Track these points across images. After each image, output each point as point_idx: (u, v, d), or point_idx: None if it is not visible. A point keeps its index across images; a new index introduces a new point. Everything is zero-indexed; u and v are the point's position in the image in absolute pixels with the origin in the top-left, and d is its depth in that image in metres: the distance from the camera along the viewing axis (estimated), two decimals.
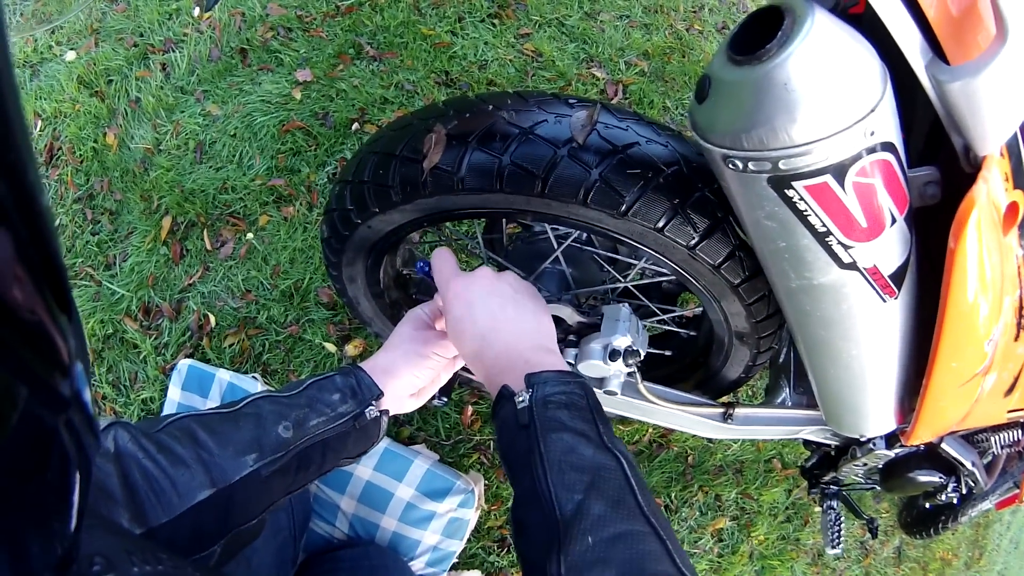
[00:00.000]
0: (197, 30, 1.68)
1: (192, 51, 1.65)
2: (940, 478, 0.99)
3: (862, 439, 0.93)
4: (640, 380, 0.82)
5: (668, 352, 1.00)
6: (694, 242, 0.63)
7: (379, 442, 0.69)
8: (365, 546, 1.08)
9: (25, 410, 0.18)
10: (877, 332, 0.62)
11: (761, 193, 0.50)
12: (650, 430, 1.48)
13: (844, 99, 0.44)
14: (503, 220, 0.99)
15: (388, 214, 0.71)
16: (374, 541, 1.10)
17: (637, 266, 0.85)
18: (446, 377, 0.75)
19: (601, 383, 0.78)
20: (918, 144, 0.55)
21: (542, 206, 0.64)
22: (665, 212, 0.61)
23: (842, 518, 1.19)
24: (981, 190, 0.48)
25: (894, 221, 0.52)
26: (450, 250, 0.69)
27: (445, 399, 0.78)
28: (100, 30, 1.71)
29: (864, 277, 0.55)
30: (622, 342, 0.73)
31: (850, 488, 1.20)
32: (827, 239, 0.52)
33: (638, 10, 1.89)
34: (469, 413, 1.38)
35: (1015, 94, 0.43)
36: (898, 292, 0.58)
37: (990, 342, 0.60)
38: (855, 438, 0.92)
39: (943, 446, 0.93)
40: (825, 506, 1.19)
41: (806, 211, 0.50)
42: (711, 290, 0.70)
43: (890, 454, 0.95)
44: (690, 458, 1.52)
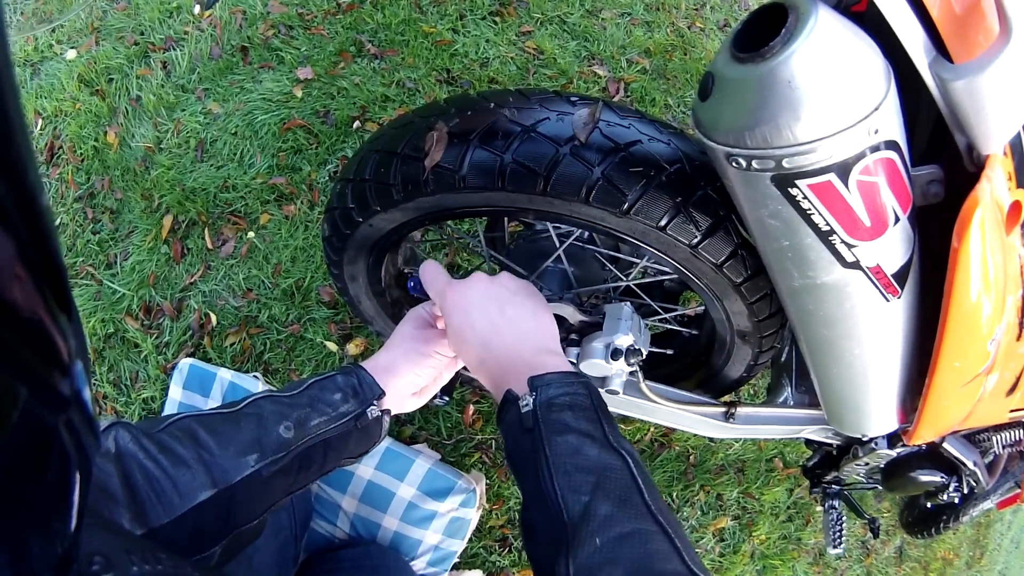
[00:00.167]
0: (198, 28, 1.68)
1: (193, 49, 1.65)
2: (942, 478, 0.98)
3: (864, 438, 0.92)
4: (642, 379, 0.82)
5: (670, 351, 1.00)
6: (696, 241, 0.63)
7: (381, 442, 0.69)
8: (366, 546, 1.08)
9: (25, 410, 0.18)
10: (880, 331, 0.61)
11: (764, 192, 0.50)
12: (651, 429, 1.48)
13: (848, 97, 0.43)
14: (505, 218, 0.99)
15: (389, 212, 0.70)
16: (375, 541, 1.10)
17: (639, 265, 0.84)
18: (448, 376, 0.75)
19: (603, 382, 0.77)
20: (921, 143, 0.54)
21: (544, 204, 0.64)
22: (667, 210, 0.61)
23: (844, 518, 1.19)
24: (984, 189, 0.48)
25: (897, 220, 0.51)
26: (435, 261, 0.68)
27: (447, 398, 0.78)
28: (101, 28, 1.70)
29: (867, 276, 0.55)
30: (624, 341, 0.73)
31: (852, 488, 1.20)
32: (830, 238, 0.52)
33: (640, 7, 1.89)
34: (471, 412, 1.38)
35: (1019, 93, 0.43)
36: (901, 291, 0.57)
37: (993, 342, 0.60)
38: (857, 437, 0.92)
39: (945, 446, 0.93)
40: (827, 505, 1.19)
41: (809, 210, 0.50)
42: (713, 289, 0.70)
43: (892, 453, 0.95)
44: (692, 457, 1.51)
